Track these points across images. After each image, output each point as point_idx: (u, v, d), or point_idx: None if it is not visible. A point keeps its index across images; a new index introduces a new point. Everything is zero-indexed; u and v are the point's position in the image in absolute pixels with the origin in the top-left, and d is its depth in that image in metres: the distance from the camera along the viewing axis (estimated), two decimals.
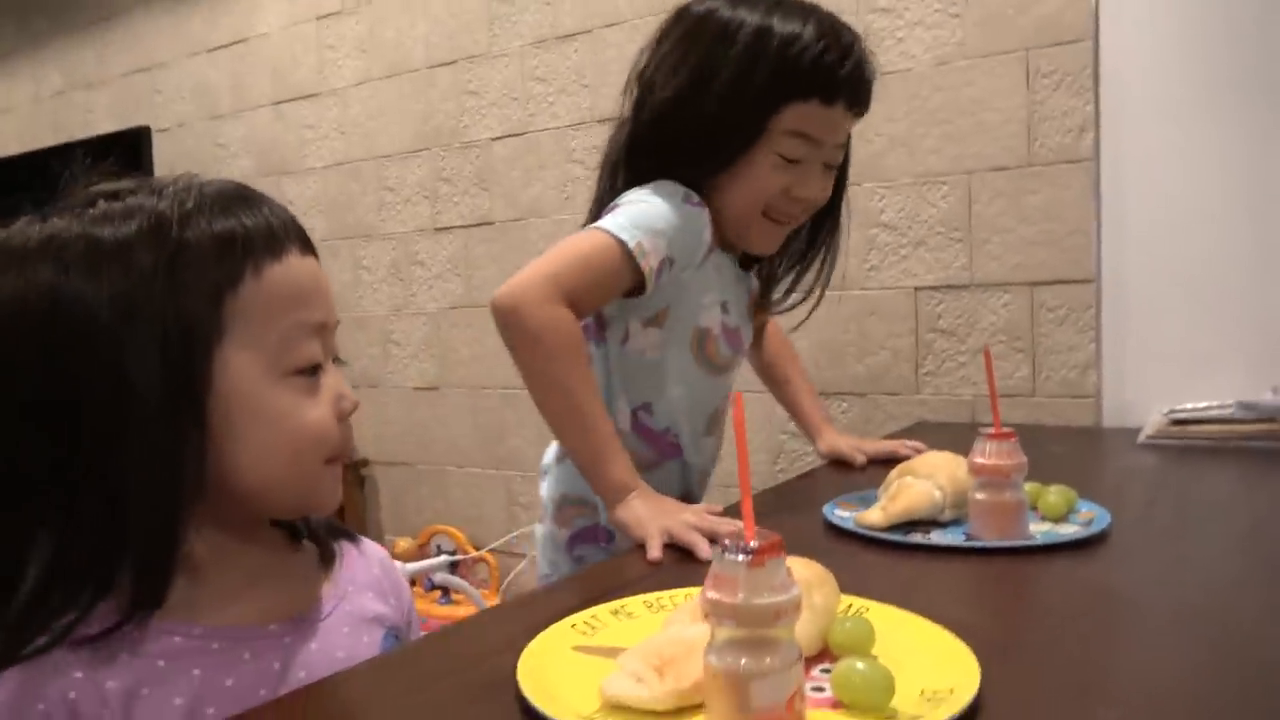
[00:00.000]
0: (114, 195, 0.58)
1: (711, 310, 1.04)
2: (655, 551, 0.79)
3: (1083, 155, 1.50)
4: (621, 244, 0.92)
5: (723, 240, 1.05)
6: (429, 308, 2.32)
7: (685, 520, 0.81)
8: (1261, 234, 1.38)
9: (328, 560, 0.67)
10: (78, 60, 3.05)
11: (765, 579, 0.42)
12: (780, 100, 0.95)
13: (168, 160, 2.66)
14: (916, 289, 1.65)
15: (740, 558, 0.43)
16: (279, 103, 2.55)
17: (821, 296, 1.14)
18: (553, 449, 1.12)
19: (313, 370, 0.61)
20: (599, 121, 2.01)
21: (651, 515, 0.84)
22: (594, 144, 2.02)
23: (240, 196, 0.60)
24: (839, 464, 1.25)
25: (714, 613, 0.43)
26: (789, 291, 1.14)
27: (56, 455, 0.54)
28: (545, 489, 1.11)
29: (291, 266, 0.60)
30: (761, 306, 1.15)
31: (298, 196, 2.49)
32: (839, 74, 0.95)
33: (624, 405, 1.03)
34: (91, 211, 0.57)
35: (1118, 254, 1.48)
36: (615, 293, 0.96)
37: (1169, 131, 1.43)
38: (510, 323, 0.89)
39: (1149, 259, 1.46)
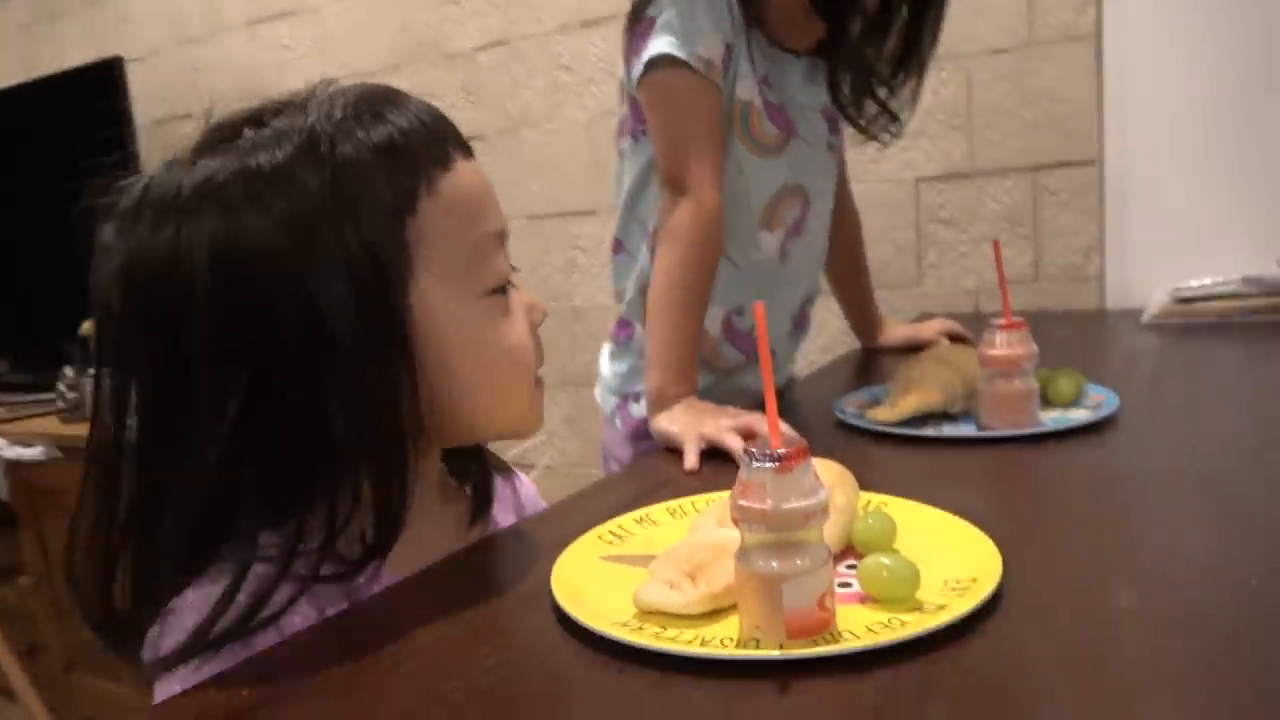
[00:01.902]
0: (259, 122, 0.54)
1: (747, 80, 0.96)
2: (692, 459, 0.80)
3: (1085, 32, 1.46)
4: (682, 66, 0.89)
5: (765, 21, 0.98)
6: None
7: (722, 424, 0.82)
8: (1264, 109, 1.35)
9: (485, 506, 0.66)
10: None
11: (793, 484, 0.43)
12: None
13: (144, 91, 2.59)
14: (918, 180, 1.63)
15: (768, 465, 0.43)
16: (253, 23, 2.46)
17: (912, 113, 1.06)
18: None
19: (503, 288, 0.59)
20: (583, 24, 1.95)
21: (689, 422, 0.84)
22: (581, 48, 1.97)
23: (386, 99, 0.56)
24: (853, 357, 1.27)
25: (744, 519, 0.44)
26: (881, 106, 1.05)
27: (263, 408, 0.51)
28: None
29: (462, 175, 0.57)
30: (849, 117, 1.06)
31: None
32: None
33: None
34: (240, 144, 0.53)
35: (1120, 133, 1.46)
36: (717, 120, 0.92)
37: (1171, 2, 1.39)
38: (678, 238, 0.91)
39: (1151, 137, 1.44)
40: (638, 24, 0.94)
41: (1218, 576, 0.51)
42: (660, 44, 0.90)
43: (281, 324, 0.51)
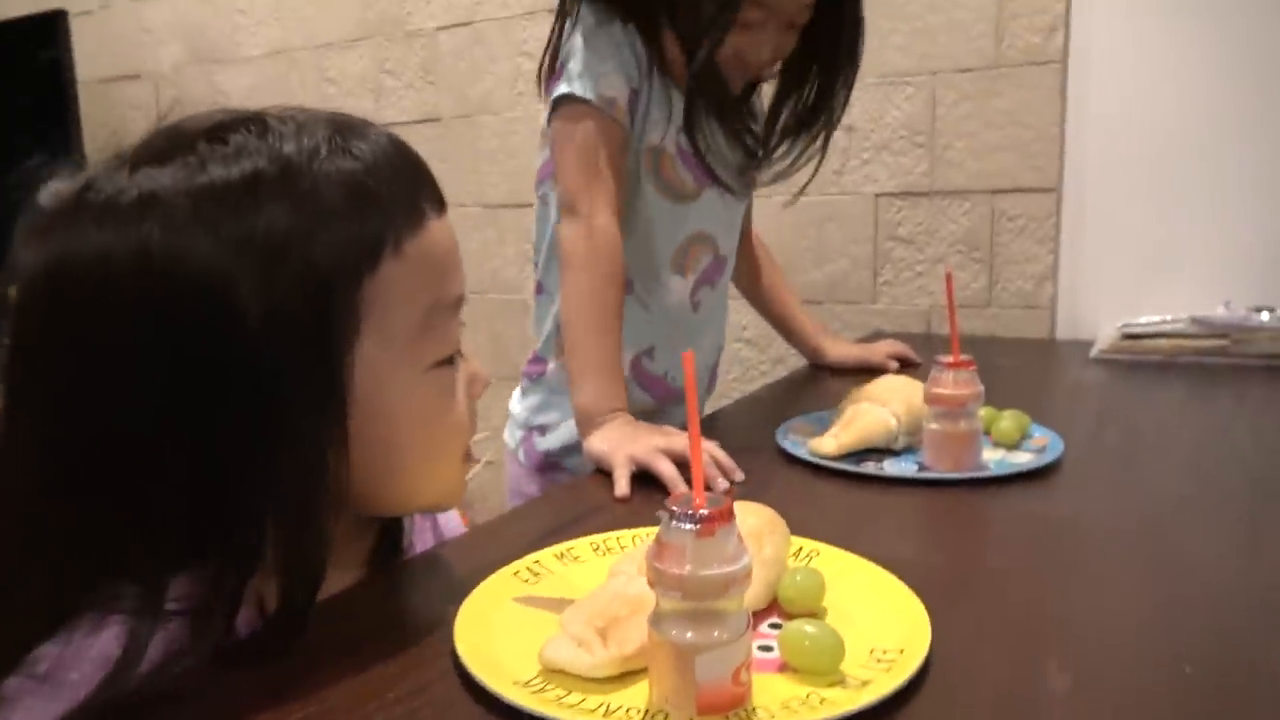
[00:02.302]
0: (219, 138, 0.49)
1: (659, 126, 0.99)
2: (622, 486, 0.76)
3: (1051, 57, 1.45)
4: (586, 105, 0.92)
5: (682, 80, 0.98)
6: None
7: (653, 445, 0.79)
8: (1222, 151, 1.36)
9: (393, 550, 0.62)
10: None
11: (715, 549, 0.40)
12: None
13: (89, 49, 2.48)
14: (877, 195, 1.61)
15: (688, 526, 0.40)
16: None
17: (822, 160, 1.05)
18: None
19: (450, 358, 0.55)
20: (550, 11, 1.90)
21: (619, 443, 0.81)
22: (546, 36, 1.91)
23: (360, 135, 0.51)
24: (800, 376, 1.25)
25: (659, 583, 0.41)
26: (786, 149, 1.05)
27: (176, 441, 0.46)
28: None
29: (433, 236, 0.52)
30: (756, 165, 1.06)
31: (234, 88, 2.35)
32: None
33: None
34: (192, 159, 0.48)
35: (1080, 163, 1.45)
36: (620, 155, 0.95)
37: (1139, 33, 1.39)
38: (565, 259, 0.93)
39: (1110, 169, 1.43)
40: (553, 72, 0.98)
41: (1152, 655, 0.49)
42: (566, 85, 0.94)
43: (211, 356, 0.46)
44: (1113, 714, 0.43)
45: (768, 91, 1.07)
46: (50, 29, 2.28)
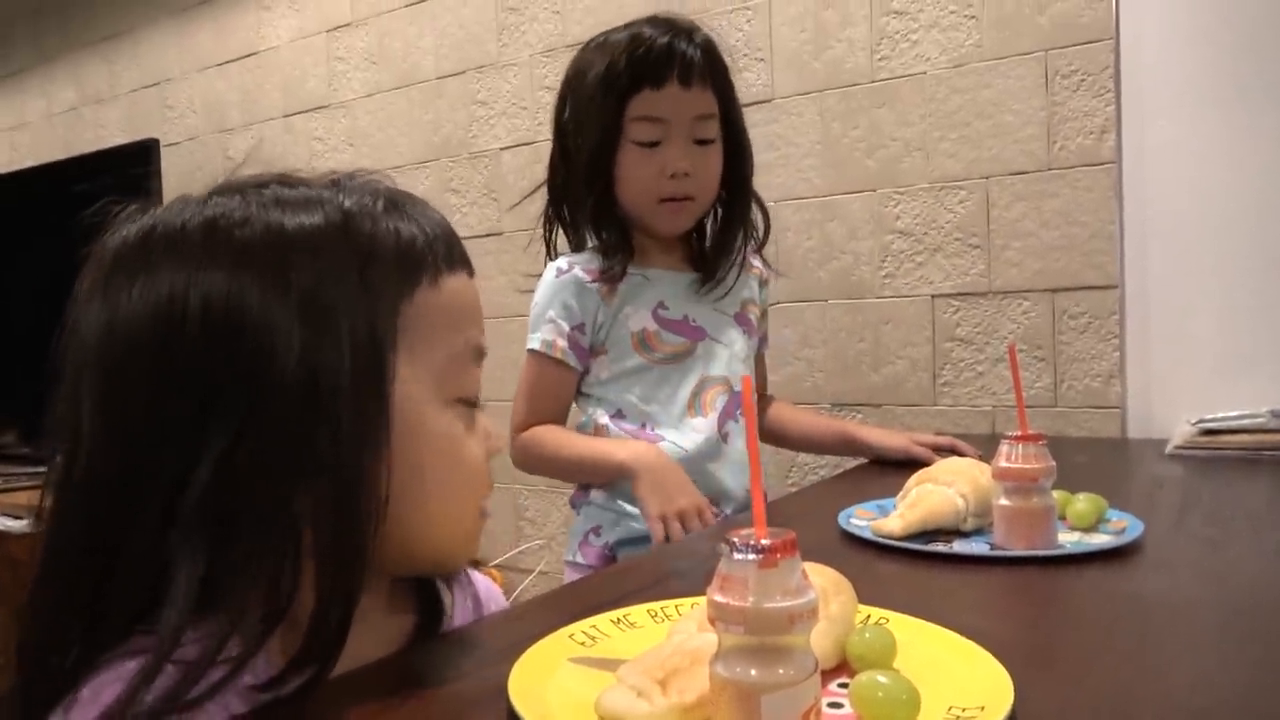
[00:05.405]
0: (284, 183, 0.53)
1: (639, 314, 1.19)
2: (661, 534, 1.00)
3: (1104, 157, 1.46)
4: (537, 354, 1.16)
5: (650, 258, 1.21)
6: None
7: (677, 506, 1.02)
8: None
9: (434, 624, 0.60)
10: (89, 76, 3.05)
11: (778, 581, 0.38)
12: (620, 100, 1.14)
13: (177, 173, 2.65)
14: (934, 296, 1.61)
15: (750, 557, 0.39)
16: (289, 115, 2.53)
17: (745, 244, 1.27)
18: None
19: (470, 403, 0.57)
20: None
21: (651, 495, 1.04)
22: None
23: (411, 200, 0.56)
24: (860, 470, 1.22)
25: (720, 618, 0.39)
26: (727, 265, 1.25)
27: (226, 477, 0.47)
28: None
29: (463, 281, 0.57)
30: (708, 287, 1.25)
31: None
32: (650, 60, 1.12)
33: (602, 417, 1.19)
34: (265, 194, 0.51)
35: (1141, 258, 1.44)
36: (567, 387, 1.18)
37: (1193, 130, 1.39)
38: (520, 463, 1.18)
39: (1174, 262, 1.41)
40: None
41: (1257, 715, 0.44)
42: (530, 338, 1.18)
43: (267, 387, 0.47)
44: None
45: None
46: (142, 157, 2.44)
